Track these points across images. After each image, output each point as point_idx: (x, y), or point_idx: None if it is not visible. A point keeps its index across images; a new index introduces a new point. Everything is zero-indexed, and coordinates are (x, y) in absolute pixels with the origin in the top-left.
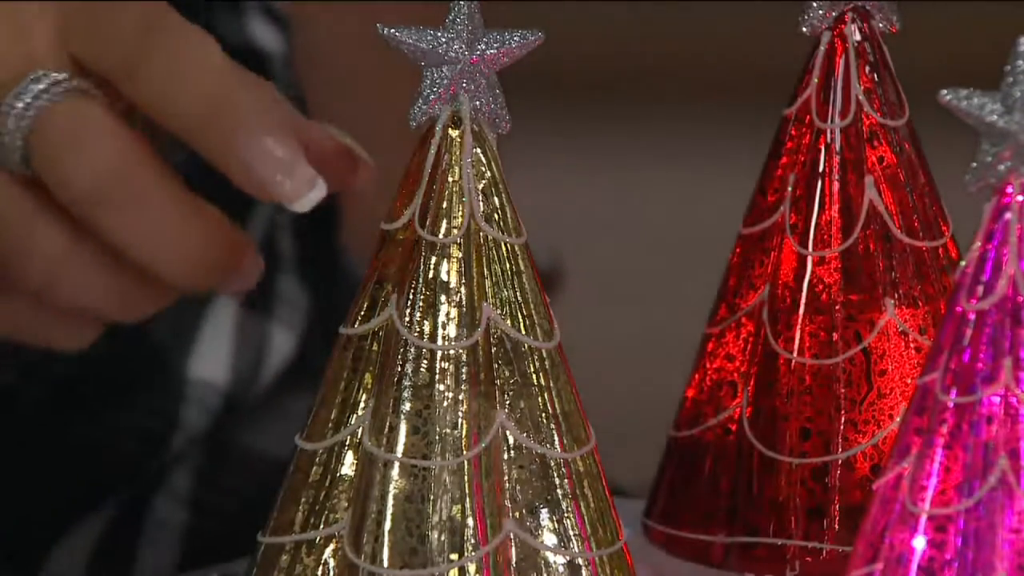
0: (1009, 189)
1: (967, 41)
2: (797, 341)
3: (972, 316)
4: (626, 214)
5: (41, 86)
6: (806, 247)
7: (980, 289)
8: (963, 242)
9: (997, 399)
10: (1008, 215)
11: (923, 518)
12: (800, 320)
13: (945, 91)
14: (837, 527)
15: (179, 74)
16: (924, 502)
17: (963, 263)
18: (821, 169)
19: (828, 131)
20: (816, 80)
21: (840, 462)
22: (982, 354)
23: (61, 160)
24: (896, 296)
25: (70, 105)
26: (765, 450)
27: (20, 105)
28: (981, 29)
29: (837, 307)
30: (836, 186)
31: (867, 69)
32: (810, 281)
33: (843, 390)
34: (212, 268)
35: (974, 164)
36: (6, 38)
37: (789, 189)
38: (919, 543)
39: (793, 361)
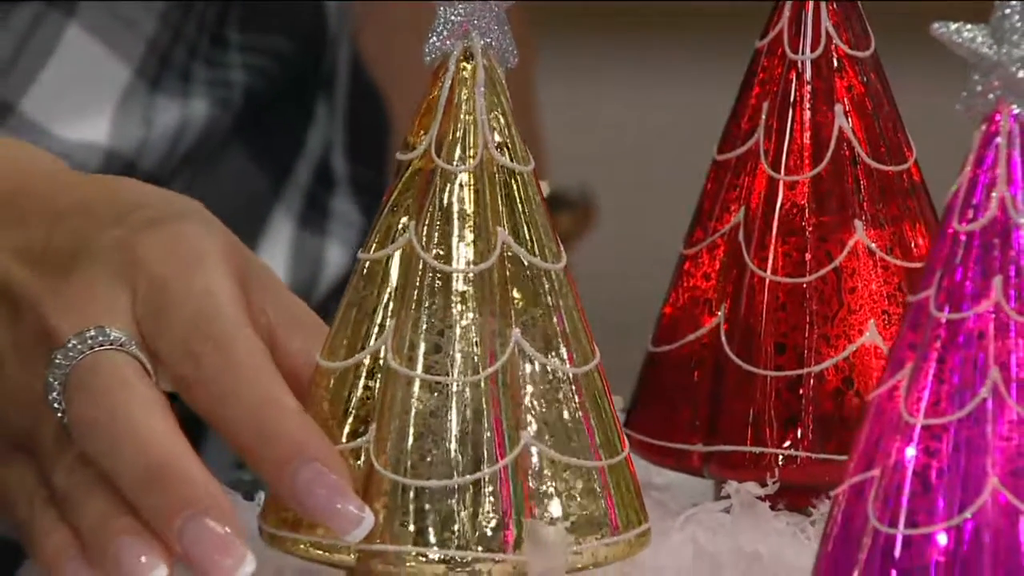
0: (997, 117)
1: None
2: (771, 261)
3: (963, 237)
4: (610, 139)
5: (86, 337)
6: (779, 172)
7: (971, 212)
8: (923, 166)
9: (988, 315)
10: (997, 140)
11: (918, 427)
12: (774, 241)
13: (937, 24)
14: (811, 436)
15: (227, 391)
16: (919, 413)
17: (954, 187)
18: (793, 98)
19: (799, 62)
20: (788, 14)
21: (813, 374)
22: (973, 272)
23: (81, 408)
24: (864, 218)
25: (106, 359)
26: (742, 363)
27: (57, 356)
28: None
29: (809, 228)
30: (807, 114)
31: (835, 4)
32: (783, 204)
33: (815, 307)
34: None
35: (964, 93)
36: (83, 303)
37: (763, 117)
38: (914, 451)
39: (768, 280)
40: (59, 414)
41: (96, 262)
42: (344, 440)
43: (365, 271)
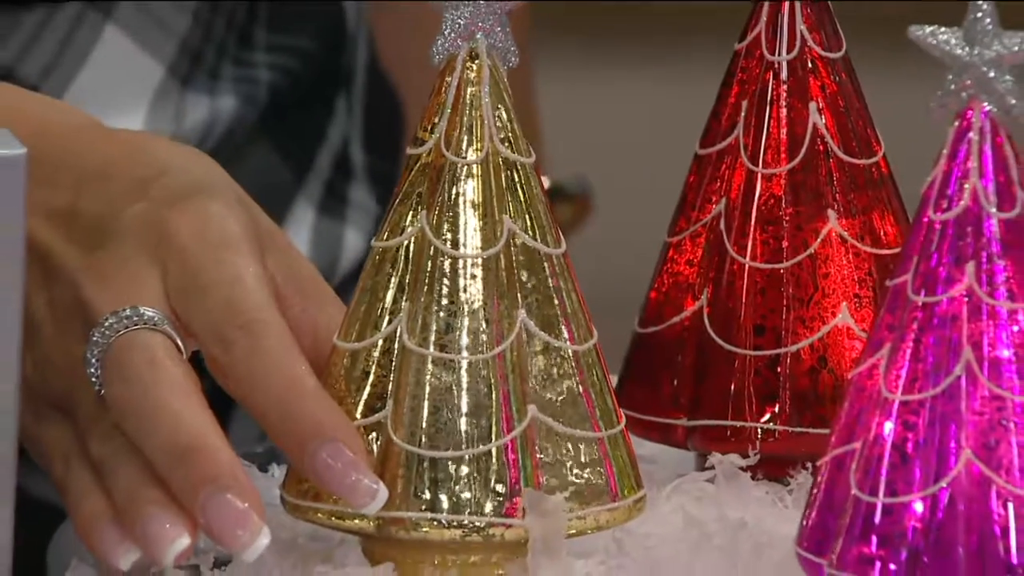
0: (970, 114)
1: None
2: (750, 248)
3: (938, 225)
4: (601, 135)
5: (122, 316)
6: (757, 165)
7: (945, 202)
8: (891, 159)
9: (962, 298)
10: (970, 135)
11: (896, 403)
12: (753, 230)
13: (914, 27)
14: (788, 410)
15: (255, 374)
16: (897, 389)
17: (929, 179)
18: (770, 97)
19: (776, 63)
20: (765, 19)
21: (790, 354)
22: (947, 259)
23: (117, 387)
24: (837, 207)
25: (140, 339)
26: (723, 344)
27: (95, 334)
28: None
29: (786, 218)
30: (783, 111)
31: (808, 9)
32: (761, 195)
33: (792, 291)
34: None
35: (939, 92)
36: (118, 281)
37: (742, 114)
38: (893, 425)
39: (747, 266)
40: (97, 387)
41: (127, 239)
42: (360, 415)
43: (378, 258)
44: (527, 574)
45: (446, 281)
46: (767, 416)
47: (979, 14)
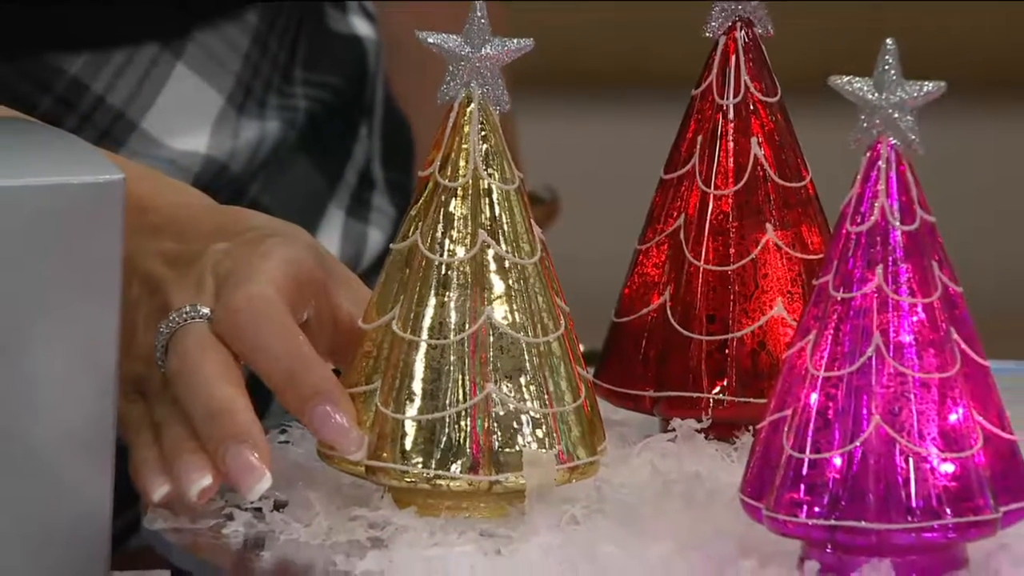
0: (879, 146)
1: (818, 42)
2: (704, 254)
3: (854, 236)
4: (585, 166)
5: (183, 312)
6: (710, 188)
7: (859, 217)
8: (816, 182)
9: (872, 294)
10: (879, 164)
11: (820, 378)
12: (706, 239)
13: (833, 76)
14: (734, 384)
15: (263, 347)
16: (821, 367)
17: (846, 198)
18: (720, 132)
19: (725, 106)
20: (716, 69)
21: (736, 339)
22: (861, 263)
23: (173, 364)
24: (773, 222)
25: (194, 328)
26: (682, 330)
27: (162, 326)
28: (829, 34)
29: (732, 230)
30: (731, 144)
31: (751, 63)
32: (713, 212)
33: (737, 288)
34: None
35: (854, 129)
36: (190, 288)
37: (698, 147)
38: (817, 396)
39: (702, 268)
40: (161, 368)
41: (208, 260)
42: (363, 384)
43: (392, 259)
44: (525, 516)
45: (429, 280)
46: (717, 389)
47: (886, 67)
